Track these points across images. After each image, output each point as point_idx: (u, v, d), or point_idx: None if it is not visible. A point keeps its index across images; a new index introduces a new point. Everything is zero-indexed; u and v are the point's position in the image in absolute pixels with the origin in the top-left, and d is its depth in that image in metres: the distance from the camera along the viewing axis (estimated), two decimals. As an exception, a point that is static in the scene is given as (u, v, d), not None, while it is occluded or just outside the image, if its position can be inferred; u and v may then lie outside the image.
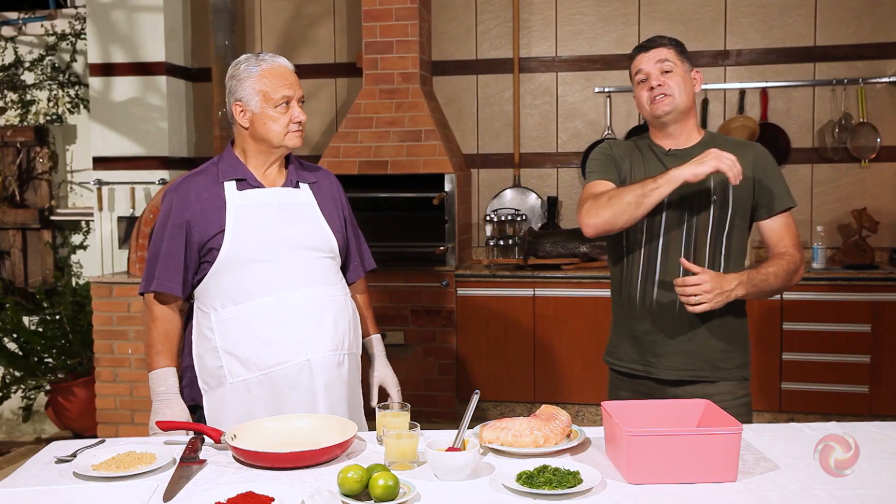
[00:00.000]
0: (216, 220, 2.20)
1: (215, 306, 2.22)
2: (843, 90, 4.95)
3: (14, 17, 5.72)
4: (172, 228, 2.22)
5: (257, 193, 2.26)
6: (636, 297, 2.35)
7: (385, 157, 4.95)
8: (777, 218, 2.33)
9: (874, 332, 4.44)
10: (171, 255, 2.21)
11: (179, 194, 2.25)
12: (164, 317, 2.25)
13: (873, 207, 4.90)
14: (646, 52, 2.33)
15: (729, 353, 2.31)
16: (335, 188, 2.44)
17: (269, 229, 2.22)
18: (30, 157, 5.65)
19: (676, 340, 2.30)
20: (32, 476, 1.81)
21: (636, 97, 2.38)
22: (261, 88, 2.21)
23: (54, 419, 5.06)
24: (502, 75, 5.37)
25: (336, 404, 2.26)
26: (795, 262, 2.29)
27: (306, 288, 2.23)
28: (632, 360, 2.38)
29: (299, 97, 2.26)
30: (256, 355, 2.19)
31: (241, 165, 2.28)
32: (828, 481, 1.69)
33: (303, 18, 5.59)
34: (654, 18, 5.15)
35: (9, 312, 5.01)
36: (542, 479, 1.66)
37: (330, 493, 1.65)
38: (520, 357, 4.79)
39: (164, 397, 2.20)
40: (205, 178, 2.27)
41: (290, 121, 2.23)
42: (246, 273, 2.19)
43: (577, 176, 5.31)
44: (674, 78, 2.30)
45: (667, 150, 2.36)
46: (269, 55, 2.27)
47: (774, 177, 2.34)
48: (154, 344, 2.24)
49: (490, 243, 5.09)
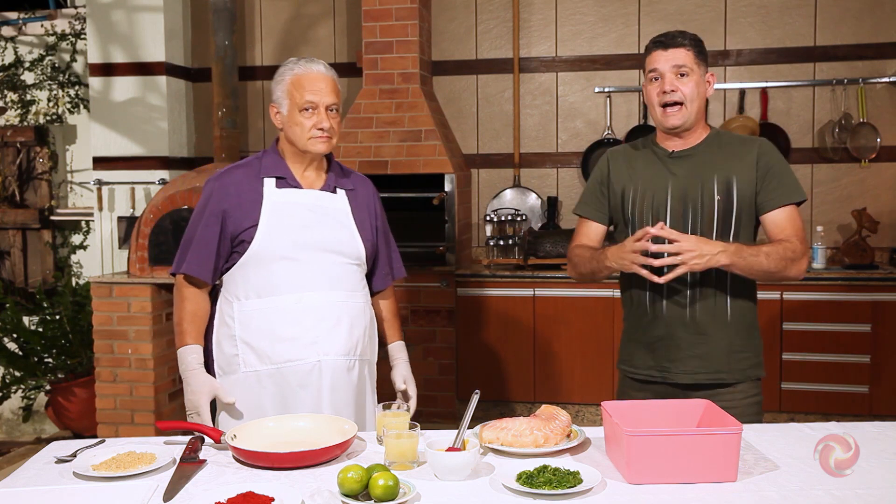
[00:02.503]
0: (251, 214, 2.25)
1: (239, 296, 2.28)
2: (843, 90, 4.95)
3: (14, 17, 5.72)
4: (209, 216, 2.27)
5: (295, 193, 2.30)
6: (646, 303, 2.33)
7: (385, 157, 4.95)
8: (779, 211, 2.26)
9: (874, 332, 4.44)
10: (204, 241, 2.27)
11: (220, 184, 2.30)
12: (193, 297, 2.32)
13: (873, 207, 4.90)
14: (664, 49, 2.25)
15: (743, 354, 2.30)
16: (371, 196, 2.47)
17: (301, 230, 2.26)
18: (30, 157, 5.65)
19: (690, 345, 2.28)
20: (32, 476, 1.81)
21: (646, 92, 2.33)
22: (290, 92, 2.27)
23: (54, 419, 5.06)
24: (502, 75, 5.37)
25: (342, 407, 2.28)
26: (795, 250, 2.20)
27: (328, 291, 2.27)
28: (648, 367, 2.36)
29: (328, 104, 2.26)
30: (271, 349, 2.25)
31: (283, 164, 2.32)
32: (828, 481, 1.69)
33: (303, 18, 5.59)
34: (654, 18, 5.15)
35: (9, 312, 5.01)
36: (542, 479, 1.66)
37: (330, 493, 1.65)
38: (520, 357, 4.79)
39: (186, 374, 2.26)
40: (246, 172, 2.32)
41: (314, 126, 2.25)
42: (273, 269, 2.25)
43: (577, 176, 5.31)
44: (688, 84, 2.24)
45: (670, 151, 2.33)
46: (308, 59, 2.30)
47: (779, 171, 2.27)
48: (181, 322, 2.30)
49: (490, 243, 5.09)
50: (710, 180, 2.26)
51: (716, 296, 2.27)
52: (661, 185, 2.31)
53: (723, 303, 2.27)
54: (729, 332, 2.28)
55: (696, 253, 2.10)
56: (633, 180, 2.35)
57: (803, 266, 2.24)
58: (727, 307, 2.28)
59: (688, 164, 2.30)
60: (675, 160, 2.31)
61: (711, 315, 2.27)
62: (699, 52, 2.27)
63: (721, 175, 2.26)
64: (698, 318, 2.27)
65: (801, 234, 2.26)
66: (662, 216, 2.28)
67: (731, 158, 2.28)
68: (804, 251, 2.23)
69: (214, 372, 2.32)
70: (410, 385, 2.47)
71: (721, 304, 2.27)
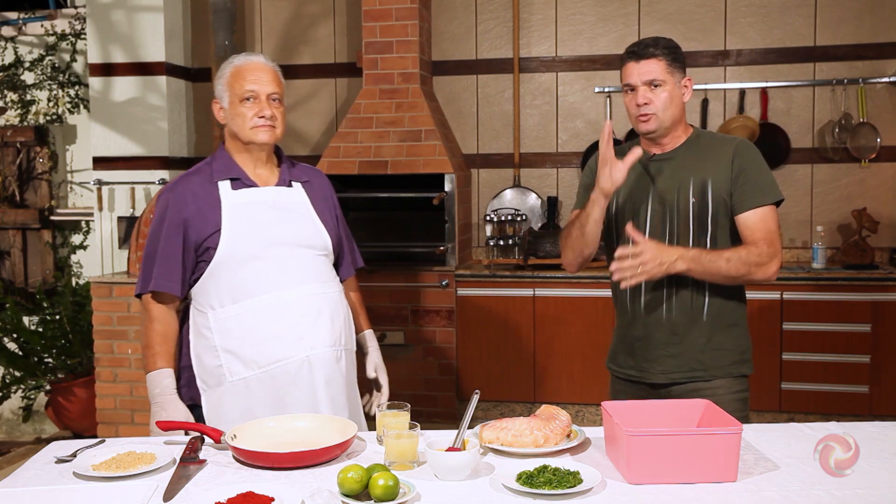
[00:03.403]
0: (212, 219, 2.21)
1: (213, 305, 2.23)
2: (843, 90, 4.95)
3: (14, 17, 5.72)
4: (169, 228, 2.23)
5: (252, 192, 2.27)
6: (627, 303, 2.39)
7: (385, 157, 4.95)
8: (751, 213, 2.26)
9: (874, 332, 4.44)
10: (168, 255, 2.22)
11: (175, 194, 2.26)
12: (162, 317, 2.25)
13: (873, 207, 4.90)
14: (636, 62, 2.28)
15: (720, 352, 2.32)
16: (327, 187, 2.45)
17: (265, 227, 2.23)
18: (30, 157, 5.65)
19: (665, 345, 2.32)
20: (32, 476, 1.81)
21: (625, 102, 2.37)
22: (230, 84, 2.26)
23: (54, 419, 5.06)
24: (502, 75, 5.37)
25: (336, 399, 2.27)
26: (761, 254, 2.20)
27: (304, 285, 2.24)
28: (629, 366, 2.42)
29: (269, 93, 2.25)
30: (257, 352, 2.20)
31: (235, 165, 2.29)
32: (828, 481, 1.69)
33: (303, 18, 5.59)
34: (654, 18, 5.15)
35: (9, 312, 5.01)
36: (542, 479, 1.66)
37: (330, 493, 1.65)
38: (520, 357, 4.79)
39: (159, 399, 2.20)
40: (199, 178, 2.28)
41: (255, 115, 2.23)
42: (244, 271, 2.20)
43: (577, 176, 5.31)
44: (661, 95, 2.27)
45: (651, 154, 2.38)
46: (247, 53, 2.31)
47: (753, 171, 2.27)
48: (152, 345, 2.24)
49: (490, 243, 5.09)
50: (686, 182, 2.30)
51: (693, 295, 2.29)
52: (640, 188, 2.36)
53: (700, 302, 2.30)
54: (705, 331, 2.30)
55: (657, 262, 2.12)
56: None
57: (771, 270, 2.23)
58: (704, 306, 2.30)
59: (667, 167, 2.35)
60: (655, 163, 2.36)
61: (687, 315, 2.30)
62: (673, 60, 2.29)
63: (697, 177, 2.29)
64: (674, 317, 2.30)
65: (772, 238, 2.24)
66: (643, 219, 2.33)
67: (708, 160, 2.31)
68: (772, 254, 2.22)
69: (197, 386, 2.25)
70: (382, 373, 2.46)
71: (698, 303, 2.30)
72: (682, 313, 2.30)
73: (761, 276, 2.22)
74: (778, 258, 2.24)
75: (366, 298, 2.67)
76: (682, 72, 2.32)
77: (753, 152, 2.32)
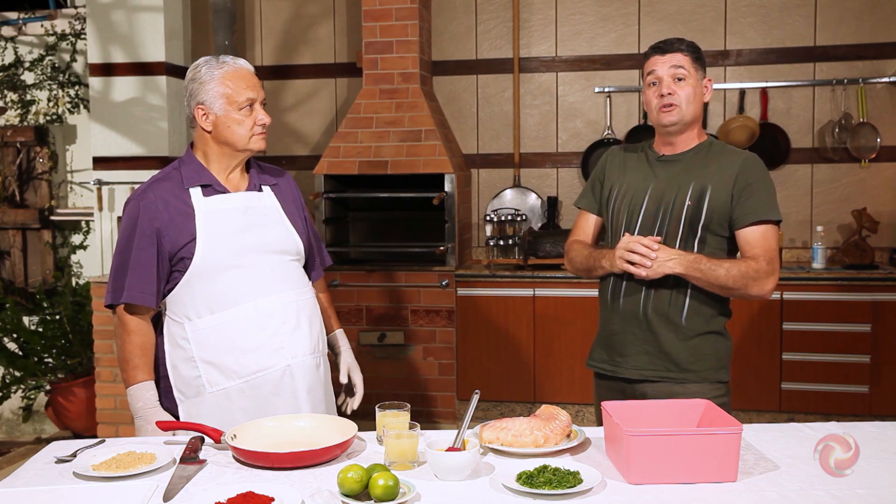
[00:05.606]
0: (186, 228, 2.17)
1: (189, 316, 2.19)
2: (843, 90, 4.95)
3: (14, 17, 5.72)
4: (142, 237, 2.16)
5: (224, 199, 2.23)
6: (608, 299, 2.41)
7: (385, 157, 4.95)
8: (751, 228, 2.27)
9: (874, 332, 4.44)
10: (142, 264, 2.16)
11: (146, 202, 2.18)
12: (140, 329, 2.20)
13: (873, 207, 4.90)
14: (662, 54, 2.32)
15: (698, 356, 2.31)
16: (294, 189, 2.43)
17: (239, 235, 2.20)
18: (30, 157, 5.65)
19: (641, 340, 2.34)
20: (32, 476, 1.81)
21: (645, 97, 2.39)
22: (224, 91, 2.20)
23: (54, 419, 5.06)
24: (502, 75, 5.37)
25: (317, 406, 2.28)
26: (758, 270, 2.22)
27: (281, 293, 2.23)
28: (602, 360, 2.45)
29: (262, 99, 2.25)
30: (237, 363, 2.18)
31: (205, 170, 2.24)
32: (828, 481, 1.69)
33: (303, 18, 5.59)
34: (654, 18, 5.15)
35: (9, 312, 5.01)
36: (542, 479, 1.66)
37: (330, 493, 1.65)
38: (520, 357, 4.79)
39: (143, 413, 2.17)
40: (169, 185, 2.22)
41: (255, 123, 2.22)
42: (220, 280, 2.17)
43: (577, 176, 5.31)
44: (685, 88, 2.30)
45: (659, 155, 2.40)
46: (230, 58, 2.26)
47: (757, 188, 2.28)
48: (131, 358, 2.19)
49: (490, 243, 5.09)
50: (686, 185, 2.31)
51: (673, 296, 2.29)
52: (642, 185, 2.38)
53: (679, 303, 2.29)
54: (681, 334, 2.30)
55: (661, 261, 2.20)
56: (621, 179, 2.43)
57: (768, 286, 2.24)
58: (683, 309, 2.30)
59: (672, 168, 2.36)
60: (662, 164, 2.38)
61: (665, 315, 2.30)
62: (696, 58, 2.34)
63: (698, 182, 2.30)
64: (650, 315, 2.31)
65: (771, 255, 2.26)
66: (636, 215, 2.35)
67: (712, 168, 2.32)
68: (770, 271, 2.24)
69: (174, 397, 2.22)
70: (355, 373, 2.45)
71: (677, 304, 2.29)
72: (659, 313, 2.30)
73: (756, 292, 2.24)
74: (775, 276, 2.25)
75: (366, 298, 2.68)
76: (704, 72, 2.37)
77: (761, 169, 2.33)
